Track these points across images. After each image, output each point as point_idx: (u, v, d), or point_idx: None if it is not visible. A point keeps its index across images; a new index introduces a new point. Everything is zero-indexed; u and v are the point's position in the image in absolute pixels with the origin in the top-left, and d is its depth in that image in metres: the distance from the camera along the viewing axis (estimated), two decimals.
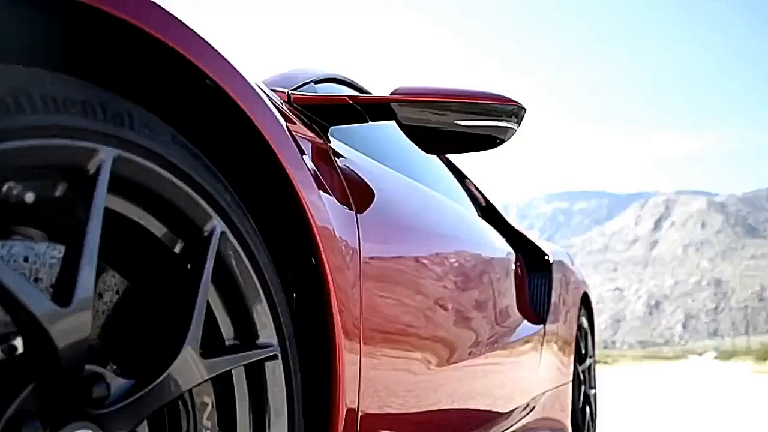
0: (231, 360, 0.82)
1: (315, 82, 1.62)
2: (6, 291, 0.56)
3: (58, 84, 0.62)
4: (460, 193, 2.61)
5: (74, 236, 0.63)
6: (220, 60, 0.83)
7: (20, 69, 0.60)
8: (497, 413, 1.96)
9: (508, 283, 2.28)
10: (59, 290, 0.62)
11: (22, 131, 0.57)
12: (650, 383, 10.96)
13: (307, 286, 1.03)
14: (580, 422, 2.89)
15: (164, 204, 0.76)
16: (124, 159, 0.68)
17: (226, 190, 0.83)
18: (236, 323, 0.87)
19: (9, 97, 0.57)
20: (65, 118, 0.61)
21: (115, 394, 0.69)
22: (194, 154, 0.78)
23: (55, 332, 0.59)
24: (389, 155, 1.83)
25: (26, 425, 0.60)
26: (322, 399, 1.02)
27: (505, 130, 1.49)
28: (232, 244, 0.83)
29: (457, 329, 1.66)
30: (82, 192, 0.65)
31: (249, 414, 0.88)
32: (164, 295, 0.79)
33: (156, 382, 0.71)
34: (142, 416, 0.71)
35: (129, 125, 0.69)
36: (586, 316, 3.30)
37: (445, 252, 1.71)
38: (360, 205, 1.26)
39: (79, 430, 0.65)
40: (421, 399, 1.43)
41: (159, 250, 0.79)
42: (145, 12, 0.69)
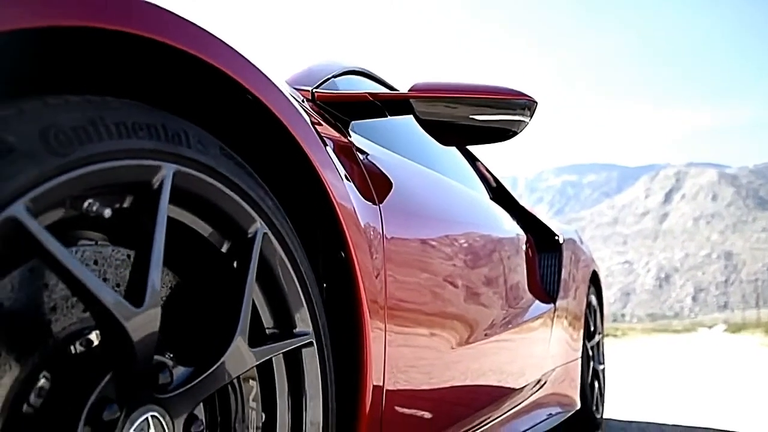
0: (273, 348, 0.91)
1: (335, 76, 1.70)
2: (90, 294, 0.65)
3: (126, 110, 0.70)
4: (473, 177, 2.69)
5: (142, 243, 0.72)
6: (259, 74, 0.90)
7: (95, 99, 0.68)
8: (510, 389, 2.06)
9: (520, 264, 2.36)
10: (132, 291, 0.70)
11: (101, 155, 0.66)
12: (657, 355, 11.07)
13: (336, 278, 1.11)
14: (588, 397, 2.99)
15: (214, 209, 0.84)
16: (182, 173, 0.76)
17: (267, 194, 0.91)
18: (276, 314, 0.96)
19: (90, 125, 0.65)
20: (135, 142, 0.69)
21: (177, 381, 0.78)
22: (239, 164, 0.87)
23: (131, 329, 0.68)
24: (405, 145, 1.91)
25: (106, 409, 0.69)
26: (351, 378, 1.12)
27: (518, 123, 1.56)
28: (272, 243, 0.92)
29: (473, 310, 1.75)
30: (147, 204, 0.73)
31: (288, 397, 0.97)
32: (213, 290, 0.88)
33: (212, 369, 0.80)
34: (200, 399, 0.81)
35: (186, 142, 0.77)
36: (595, 294, 3.39)
37: (460, 237, 1.79)
38: (382, 198, 1.34)
39: (148, 413, 0.74)
40: (440, 376, 1.52)
41: (208, 251, 0.87)
42: (206, 41, 0.77)
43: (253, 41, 1.36)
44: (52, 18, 0.60)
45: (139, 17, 0.70)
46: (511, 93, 1.54)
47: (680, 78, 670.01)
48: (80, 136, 0.64)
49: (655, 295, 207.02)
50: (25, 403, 0.67)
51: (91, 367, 0.70)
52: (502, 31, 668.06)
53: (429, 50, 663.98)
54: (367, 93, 1.47)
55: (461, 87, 1.51)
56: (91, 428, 0.68)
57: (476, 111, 1.52)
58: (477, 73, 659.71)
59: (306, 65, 1.64)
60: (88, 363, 0.71)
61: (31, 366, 0.68)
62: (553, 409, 2.52)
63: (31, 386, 0.68)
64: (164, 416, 0.76)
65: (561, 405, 2.63)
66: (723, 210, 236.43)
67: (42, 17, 0.59)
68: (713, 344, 16.57)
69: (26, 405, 0.67)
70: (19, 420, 0.66)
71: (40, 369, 0.69)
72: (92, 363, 0.71)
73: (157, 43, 0.72)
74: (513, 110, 1.55)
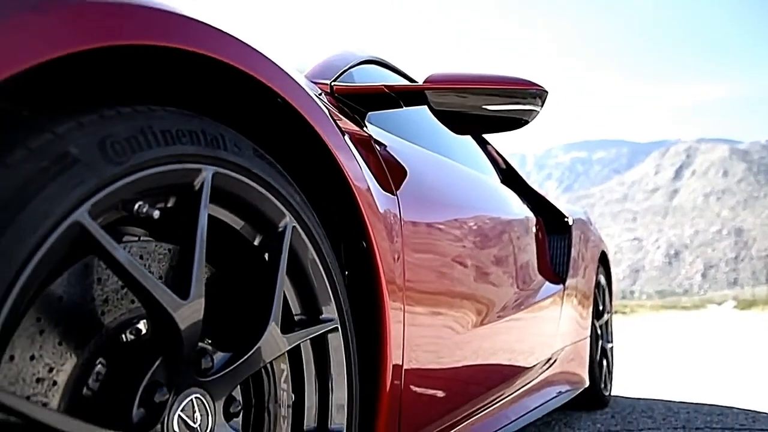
0: (302, 334, 0.98)
1: (352, 67, 1.74)
2: (143, 288, 0.72)
3: (171, 118, 0.76)
4: (484, 161, 2.74)
5: (186, 241, 0.78)
6: (288, 79, 0.96)
7: (142, 109, 0.74)
8: (521, 367, 2.13)
9: (530, 246, 2.42)
10: (178, 285, 0.77)
11: (150, 162, 0.72)
12: (666, 332, 11.14)
13: (358, 264, 1.18)
14: (597, 375, 3.06)
15: (248, 206, 0.90)
16: (220, 174, 0.82)
17: (296, 191, 0.97)
18: (304, 302, 1.02)
19: (140, 135, 0.71)
20: (178, 148, 0.75)
21: (217, 365, 0.85)
22: (270, 163, 0.93)
23: (179, 319, 0.75)
24: (418, 132, 1.96)
25: (157, 392, 0.76)
26: (372, 358, 1.18)
27: (529, 112, 1.61)
28: (301, 236, 0.98)
29: (486, 292, 1.81)
30: (189, 203, 0.79)
31: (315, 379, 1.04)
32: (247, 281, 0.94)
33: (248, 354, 0.87)
34: (238, 382, 0.88)
35: (223, 145, 0.83)
36: (603, 274, 3.45)
37: (473, 222, 1.85)
38: (399, 187, 1.40)
39: (192, 395, 0.81)
40: (455, 355, 1.59)
41: (242, 244, 0.94)
42: (243, 53, 0.83)
43: (260, 33, 1.42)
44: (116, 38, 0.66)
45: (188, 35, 0.76)
46: (522, 83, 1.59)
47: (691, 51, 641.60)
48: (132, 145, 0.70)
49: (664, 272, 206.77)
50: (84, 387, 0.74)
51: (142, 354, 0.77)
52: (509, 8, 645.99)
53: (435, 29, 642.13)
54: (383, 85, 1.52)
55: (474, 78, 1.56)
56: (144, 409, 0.75)
57: (489, 101, 1.57)
58: (483, 52, 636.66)
59: (323, 57, 1.69)
60: (139, 350, 0.78)
61: (88, 353, 0.75)
62: (563, 386, 2.59)
63: (89, 371, 0.75)
64: (206, 398, 0.83)
65: (570, 383, 2.70)
66: (734, 186, 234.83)
67: (100, 39, 0.65)
68: (722, 321, 16.62)
69: (86, 388, 0.74)
70: (80, 402, 0.73)
71: (96, 356, 0.76)
72: (142, 350, 0.78)
73: (201, 56, 0.78)
74: (524, 99, 1.60)
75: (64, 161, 0.63)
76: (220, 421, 0.85)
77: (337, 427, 1.05)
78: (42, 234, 0.59)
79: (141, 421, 0.74)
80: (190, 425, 0.80)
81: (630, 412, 3.01)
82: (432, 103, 1.54)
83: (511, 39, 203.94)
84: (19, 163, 0.59)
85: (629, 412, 3.01)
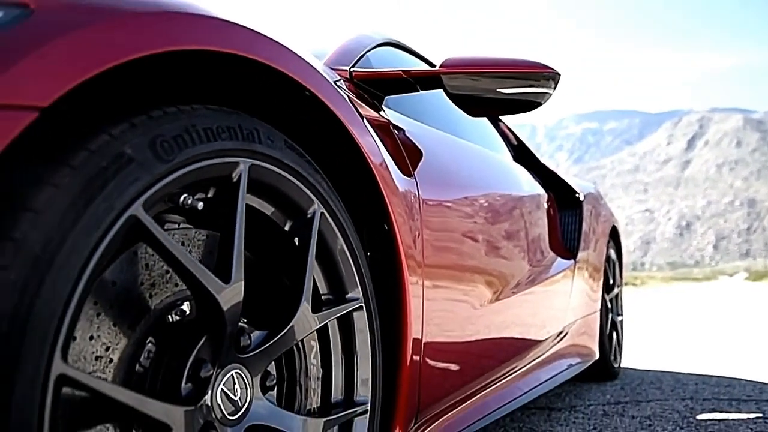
0: (330, 313, 1.04)
1: (369, 50, 1.79)
2: (190, 273, 0.78)
3: (211, 116, 0.82)
4: (496, 139, 2.78)
5: (226, 229, 0.85)
6: (316, 73, 1.01)
7: (185, 108, 0.80)
8: (534, 341, 2.20)
9: (542, 222, 2.48)
10: (220, 269, 0.83)
11: (194, 158, 0.78)
12: (676, 304, 11.20)
13: (380, 245, 1.24)
14: (607, 347, 3.13)
15: (279, 194, 0.96)
16: (256, 166, 0.88)
17: (323, 179, 1.03)
18: (330, 283, 1.09)
19: (185, 133, 0.77)
20: (219, 143, 0.81)
21: (254, 343, 0.92)
22: (299, 154, 0.98)
23: (222, 301, 0.82)
24: (432, 113, 2.01)
25: (203, 368, 0.83)
26: (394, 333, 1.25)
27: (542, 94, 1.66)
28: (328, 220, 1.04)
29: (500, 268, 1.88)
30: (228, 195, 0.86)
31: (342, 354, 1.11)
32: (279, 264, 1.01)
33: (283, 332, 0.94)
34: (273, 358, 0.95)
35: (258, 139, 0.89)
36: (614, 248, 3.50)
37: (487, 201, 1.91)
38: (417, 169, 1.45)
39: (233, 370, 0.88)
40: (470, 329, 1.66)
41: (273, 230, 1.00)
42: (276, 52, 0.88)
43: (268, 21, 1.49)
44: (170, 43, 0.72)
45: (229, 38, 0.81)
46: (536, 66, 1.63)
47: (703, 21, 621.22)
48: (179, 143, 0.76)
49: (675, 243, 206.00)
50: (137, 364, 0.81)
51: (188, 333, 0.84)
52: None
53: (446, 1, 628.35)
54: (401, 71, 1.57)
55: (489, 62, 1.60)
56: (192, 384, 0.82)
57: (503, 84, 1.61)
58: (493, 26, 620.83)
59: (340, 42, 1.73)
60: (184, 330, 0.85)
61: (139, 333, 0.82)
62: (573, 359, 2.66)
63: (140, 350, 0.82)
64: (245, 373, 0.90)
65: (581, 355, 2.77)
66: (747, 156, 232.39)
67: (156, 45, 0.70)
68: (733, 292, 16.64)
69: (138, 365, 0.81)
70: (133, 377, 0.80)
71: (146, 335, 0.83)
72: (188, 330, 0.85)
73: (242, 59, 0.84)
74: (537, 82, 1.64)
75: (121, 161, 0.69)
76: (257, 394, 0.93)
77: (362, 399, 1.12)
78: (104, 228, 0.66)
79: (189, 395, 0.81)
80: (231, 398, 0.88)
81: (639, 383, 3.08)
82: (448, 87, 1.59)
83: (522, 10, 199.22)
84: (83, 164, 0.65)
85: (638, 383, 3.08)
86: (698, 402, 2.56)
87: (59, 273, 0.61)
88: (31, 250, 0.59)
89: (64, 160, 0.65)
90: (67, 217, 0.62)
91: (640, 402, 2.60)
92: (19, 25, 0.61)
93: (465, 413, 1.64)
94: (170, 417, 0.75)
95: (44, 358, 0.59)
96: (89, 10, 0.67)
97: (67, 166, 0.65)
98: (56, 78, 0.61)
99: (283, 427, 0.95)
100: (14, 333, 0.57)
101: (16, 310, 0.58)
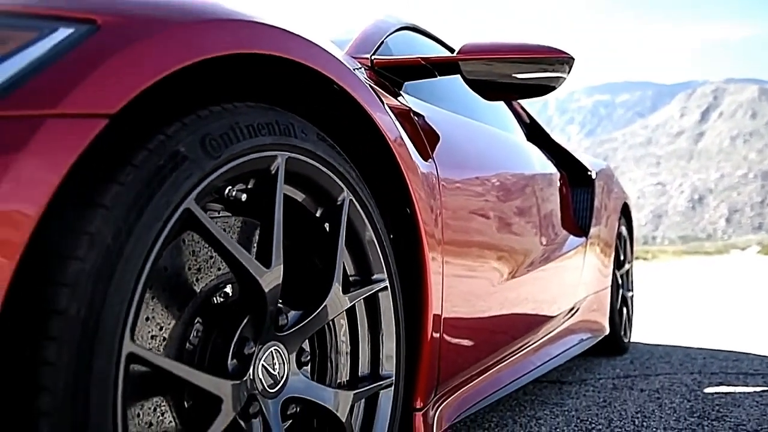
0: (359, 293, 1.12)
1: (388, 36, 1.84)
2: (236, 259, 0.85)
3: (252, 113, 0.89)
4: (510, 119, 2.82)
5: (266, 218, 0.92)
6: (343, 68, 1.07)
7: (228, 107, 0.86)
8: (546, 317, 2.28)
9: (555, 201, 2.53)
10: (261, 255, 0.91)
11: (238, 153, 0.84)
12: (686, 278, 11.24)
13: (402, 227, 1.31)
14: (617, 323, 3.20)
15: (312, 183, 1.03)
16: (292, 158, 0.95)
17: (351, 168, 1.10)
18: (358, 265, 1.16)
19: (230, 130, 0.84)
20: (259, 139, 0.88)
21: (291, 322, 0.99)
22: (330, 145, 1.05)
23: (264, 284, 0.89)
24: (447, 95, 2.06)
25: (246, 346, 0.91)
26: (416, 309, 1.32)
27: (557, 78, 1.71)
28: (356, 207, 1.11)
29: (515, 246, 1.95)
30: (267, 186, 0.92)
31: (367, 332, 1.19)
32: (311, 248, 1.08)
33: (316, 312, 1.01)
34: (308, 335, 1.02)
35: (293, 133, 0.95)
36: (625, 225, 3.55)
37: (501, 181, 1.97)
38: (435, 152, 1.52)
39: (272, 347, 0.96)
40: (486, 305, 1.74)
41: (306, 216, 1.07)
42: (308, 50, 0.95)
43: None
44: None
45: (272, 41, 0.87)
46: (551, 51, 1.68)
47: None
48: (225, 140, 0.82)
49: (687, 217, 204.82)
50: (187, 342, 0.89)
51: (232, 314, 0.92)
52: None
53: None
54: (419, 58, 1.62)
55: (505, 48, 1.65)
56: (237, 360, 0.90)
57: (519, 69, 1.66)
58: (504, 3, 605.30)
59: (360, 29, 1.78)
60: (228, 310, 0.93)
61: (188, 314, 0.90)
62: (584, 334, 2.74)
63: (189, 329, 0.89)
64: (283, 349, 0.98)
65: (591, 331, 2.84)
66: (762, 128, 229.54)
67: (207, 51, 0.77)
68: (745, 266, 16.63)
69: (188, 343, 0.89)
70: (184, 354, 0.88)
71: (194, 316, 0.90)
72: (232, 310, 0.92)
73: (279, 59, 0.90)
74: (552, 67, 1.69)
75: (176, 159, 0.75)
76: (293, 369, 1.00)
77: (387, 373, 1.20)
78: (164, 220, 0.73)
79: (234, 370, 0.89)
80: (271, 373, 0.95)
81: (648, 357, 3.16)
82: (464, 72, 1.64)
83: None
84: (143, 162, 0.72)
85: (647, 357, 3.16)
86: (706, 376, 2.64)
87: (127, 262, 0.68)
88: (103, 243, 0.66)
89: (127, 160, 0.72)
90: (132, 211, 0.69)
91: (649, 376, 2.67)
92: (88, 41, 0.67)
93: (480, 386, 1.72)
94: (222, 390, 0.83)
95: (117, 338, 0.67)
96: (149, 23, 0.73)
97: (129, 165, 0.71)
98: (123, 87, 0.67)
99: (318, 398, 1.03)
100: (92, 316, 0.65)
101: (92, 296, 0.65)
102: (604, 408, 2.13)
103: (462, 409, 1.55)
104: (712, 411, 2.04)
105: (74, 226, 0.66)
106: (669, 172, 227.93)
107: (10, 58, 0.64)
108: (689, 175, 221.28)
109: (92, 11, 0.71)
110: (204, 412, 0.84)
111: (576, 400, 2.25)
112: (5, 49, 0.65)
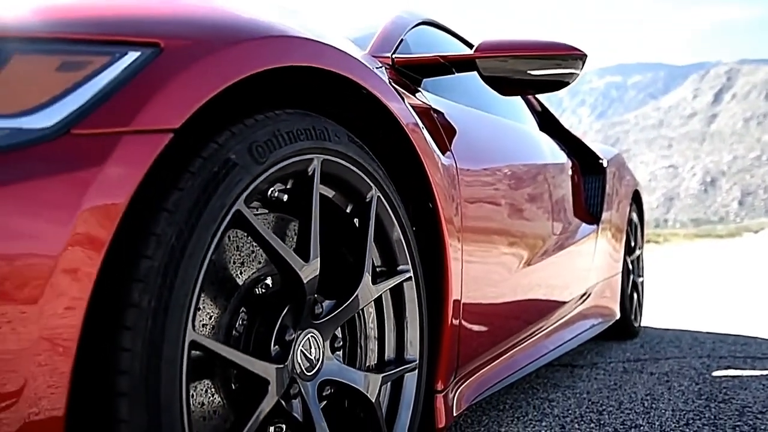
0: (386, 284, 1.20)
1: (407, 32, 1.91)
2: (278, 254, 0.94)
3: (292, 120, 0.96)
4: (523, 109, 2.89)
5: (304, 216, 1.00)
6: (371, 73, 1.15)
7: (271, 114, 0.94)
8: (559, 302, 2.36)
9: (567, 189, 2.60)
10: (300, 249, 0.99)
11: (281, 158, 0.92)
12: (697, 261, 11.25)
13: (424, 218, 1.38)
14: (627, 308, 3.28)
15: (343, 182, 1.11)
16: (327, 160, 1.03)
17: (379, 167, 1.18)
18: (384, 257, 1.24)
19: (273, 137, 0.91)
20: (298, 144, 0.96)
21: (325, 310, 1.08)
22: (360, 146, 1.13)
23: (303, 276, 0.97)
24: (464, 91, 2.13)
25: (287, 333, 0.99)
26: (437, 295, 1.40)
27: (570, 74, 1.78)
28: (383, 204, 1.19)
29: (529, 234, 2.03)
30: (304, 186, 1.00)
31: (393, 319, 1.27)
32: (341, 242, 1.16)
33: (348, 301, 1.09)
34: (340, 323, 1.11)
35: (328, 137, 1.03)
36: (636, 212, 3.62)
37: (516, 171, 2.04)
38: (452, 145, 1.59)
39: (309, 335, 1.04)
40: (502, 292, 1.82)
41: (337, 212, 1.15)
42: (339, 59, 1.02)
43: None
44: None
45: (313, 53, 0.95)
46: (564, 48, 1.75)
47: None
48: (269, 147, 0.90)
49: (700, 199, 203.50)
50: (233, 330, 0.97)
51: (274, 303, 1.00)
52: None
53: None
54: (438, 56, 1.69)
55: (521, 45, 1.72)
56: (279, 346, 0.98)
57: (534, 66, 1.73)
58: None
59: (380, 27, 1.84)
60: (270, 300, 1.01)
61: (234, 304, 0.98)
62: (596, 319, 2.81)
63: (235, 318, 0.98)
64: (318, 336, 1.06)
65: (602, 316, 2.92)
66: None
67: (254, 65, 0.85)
68: (758, 249, 16.59)
69: (234, 331, 0.97)
70: (231, 340, 0.97)
71: (239, 306, 0.99)
72: (273, 300, 1.01)
73: (316, 70, 0.98)
74: (566, 62, 1.76)
75: (228, 165, 0.83)
76: (328, 354, 1.09)
77: (411, 358, 1.28)
78: (219, 221, 0.81)
79: (277, 355, 0.98)
80: (308, 357, 1.04)
81: (658, 341, 3.23)
82: (482, 69, 1.71)
83: None
84: (199, 169, 0.80)
85: (657, 341, 3.23)
86: (715, 360, 2.71)
87: (189, 260, 0.76)
88: (168, 242, 0.75)
89: (185, 167, 0.80)
90: (192, 214, 0.78)
91: (658, 359, 2.75)
92: (153, 63, 0.75)
93: (497, 369, 1.80)
94: (269, 374, 0.91)
95: (182, 326, 0.75)
96: (205, 44, 0.81)
97: (187, 172, 0.80)
98: (184, 104, 0.75)
99: (350, 381, 1.11)
100: (160, 308, 0.73)
101: (160, 290, 0.73)
102: (615, 391, 2.21)
103: (480, 392, 1.64)
104: (719, 393, 2.12)
105: (143, 228, 0.74)
106: (681, 154, 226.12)
107: (90, 81, 0.72)
108: (702, 157, 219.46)
109: (156, 35, 0.78)
110: (250, 393, 0.93)
111: (587, 383, 2.33)
112: (85, 73, 0.73)
